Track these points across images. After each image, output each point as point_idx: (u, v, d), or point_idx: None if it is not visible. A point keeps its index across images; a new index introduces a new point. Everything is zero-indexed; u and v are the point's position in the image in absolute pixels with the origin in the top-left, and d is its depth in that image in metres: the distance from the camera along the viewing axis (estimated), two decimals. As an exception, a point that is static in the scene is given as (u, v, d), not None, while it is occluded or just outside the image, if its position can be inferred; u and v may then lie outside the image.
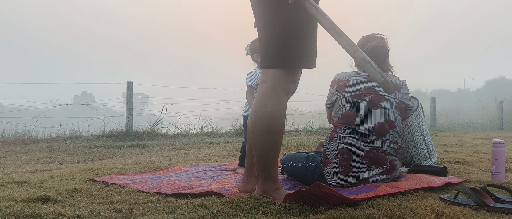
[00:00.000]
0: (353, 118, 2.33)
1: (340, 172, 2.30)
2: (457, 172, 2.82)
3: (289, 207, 1.81)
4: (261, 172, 1.95)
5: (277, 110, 1.90)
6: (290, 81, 1.94)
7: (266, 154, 1.92)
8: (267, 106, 1.90)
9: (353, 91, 2.40)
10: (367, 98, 2.37)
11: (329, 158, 2.36)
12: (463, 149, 4.41)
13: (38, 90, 23.82)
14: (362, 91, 2.40)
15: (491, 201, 1.83)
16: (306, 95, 10.35)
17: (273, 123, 1.90)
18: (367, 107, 2.35)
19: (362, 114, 2.33)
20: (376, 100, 2.37)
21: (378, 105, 2.36)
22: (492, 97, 20.10)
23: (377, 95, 2.39)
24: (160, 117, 8.05)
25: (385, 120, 2.34)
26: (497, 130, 11.93)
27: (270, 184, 1.95)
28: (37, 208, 1.82)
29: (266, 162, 1.93)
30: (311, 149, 4.83)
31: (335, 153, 2.33)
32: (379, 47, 2.51)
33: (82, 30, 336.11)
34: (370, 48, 2.52)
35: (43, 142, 6.39)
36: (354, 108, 2.35)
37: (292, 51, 1.90)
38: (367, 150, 2.28)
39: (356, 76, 2.47)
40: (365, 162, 2.28)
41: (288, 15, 1.88)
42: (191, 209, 1.80)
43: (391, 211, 1.70)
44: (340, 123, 2.38)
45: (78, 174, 2.95)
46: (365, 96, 2.38)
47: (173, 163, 3.76)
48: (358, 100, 2.37)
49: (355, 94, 2.39)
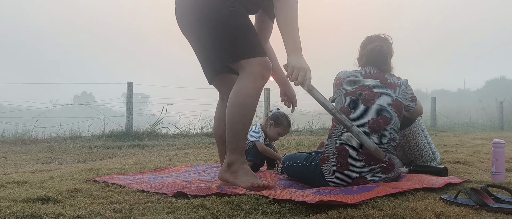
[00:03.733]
0: (347, 114, 2.35)
1: (338, 169, 2.31)
2: (458, 172, 2.82)
3: (289, 207, 1.81)
4: (229, 143, 2.08)
5: (251, 88, 2.05)
6: (263, 66, 2.08)
7: (236, 127, 2.06)
8: (242, 86, 2.07)
9: (348, 88, 2.44)
10: (361, 95, 2.39)
11: (327, 155, 2.38)
12: (463, 149, 4.41)
13: (38, 90, 23.82)
14: (356, 88, 2.42)
15: (491, 201, 1.83)
16: (306, 95, 10.33)
17: (245, 99, 2.05)
18: (361, 104, 2.36)
19: (355, 109, 2.36)
20: (369, 97, 2.38)
21: (372, 102, 2.37)
22: (493, 98, 20.08)
23: (371, 92, 2.40)
24: (160, 117, 8.05)
25: (380, 116, 2.34)
26: (497, 130, 11.93)
27: (236, 155, 2.07)
28: (37, 208, 1.82)
29: (235, 134, 2.07)
30: (312, 149, 4.84)
31: (333, 150, 2.35)
32: (376, 50, 2.51)
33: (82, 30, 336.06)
34: (368, 51, 2.53)
35: (43, 142, 6.40)
36: (348, 105, 2.38)
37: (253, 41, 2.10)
38: (363, 146, 2.28)
39: (353, 74, 2.50)
40: (362, 159, 2.29)
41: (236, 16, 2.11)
42: (191, 209, 1.80)
43: (391, 211, 1.69)
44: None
45: (78, 174, 2.95)
46: (359, 93, 2.40)
47: (173, 163, 3.76)
48: (352, 97, 2.40)
49: (350, 91, 2.42)
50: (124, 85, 7.92)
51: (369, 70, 2.50)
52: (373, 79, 2.45)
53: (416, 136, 2.78)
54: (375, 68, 2.51)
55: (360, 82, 2.44)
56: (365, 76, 2.46)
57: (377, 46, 2.51)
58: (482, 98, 23.76)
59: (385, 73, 2.50)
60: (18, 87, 11.77)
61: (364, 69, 2.52)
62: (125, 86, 7.90)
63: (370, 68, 2.51)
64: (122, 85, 8.01)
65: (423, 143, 2.81)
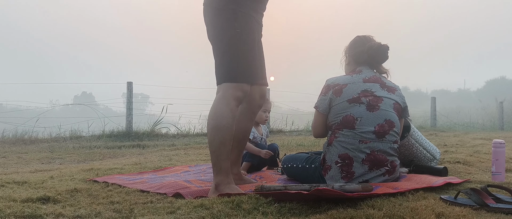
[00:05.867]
0: (353, 122, 2.30)
1: (343, 178, 2.29)
2: (458, 172, 2.82)
3: (289, 207, 1.81)
4: (214, 166, 2.18)
5: (225, 111, 2.16)
6: (238, 90, 2.21)
7: (216, 149, 2.16)
8: (217, 109, 2.18)
9: (350, 95, 2.36)
10: (365, 101, 2.34)
11: (329, 164, 2.34)
12: (463, 149, 4.41)
13: (38, 90, 23.80)
14: (359, 94, 2.36)
15: (491, 201, 1.83)
16: (306, 96, 10.35)
17: (221, 121, 2.15)
18: (366, 111, 2.31)
19: (362, 117, 2.30)
20: (374, 102, 2.34)
21: (377, 107, 2.33)
22: (493, 98, 20.06)
23: (374, 97, 2.36)
24: (160, 117, 8.05)
25: (385, 120, 2.32)
26: (497, 130, 11.93)
27: (222, 177, 2.15)
28: (37, 208, 1.82)
29: (217, 156, 2.16)
30: (312, 149, 4.84)
31: (335, 158, 2.31)
32: (383, 48, 2.47)
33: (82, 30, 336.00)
34: (370, 49, 2.47)
35: (43, 142, 6.40)
36: (354, 113, 2.31)
37: (242, 67, 2.21)
38: (367, 153, 2.27)
39: (352, 79, 2.42)
40: (366, 166, 2.28)
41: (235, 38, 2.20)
42: (191, 209, 1.80)
43: (391, 211, 1.69)
44: (339, 127, 2.34)
45: (78, 174, 2.95)
46: (363, 99, 2.34)
47: (173, 163, 3.76)
48: (356, 104, 2.33)
49: (352, 98, 2.35)
50: (124, 85, 7.92)
51: (367, 74, 2.45)
52: (373, 83, 2.41)
53: (410, 147, 2.77)
54: (371, 70, 2.48)
55: (362, 87, 2.38)
56: (365, 80, 2.41)
57: (379, 44, 2.49)
58: (482, 98, 23.75)
59: (381, 77, 2.48)
60: (18, 87, 11.75)
61: (361, 73, 2.45)
62: (125, 86, 7.89)
63: (367, 70, 2.47)
64: (122, 85, 8.01)
65: (420, 150, 2.81)
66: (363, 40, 2.55)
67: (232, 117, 2.18)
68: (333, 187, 2.00)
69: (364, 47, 2.51)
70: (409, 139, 2.74)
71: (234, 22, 2.20)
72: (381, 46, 2.48)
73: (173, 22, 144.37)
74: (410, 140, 2.75)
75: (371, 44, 2.50)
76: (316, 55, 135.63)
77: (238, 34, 2.21)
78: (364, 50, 2.50)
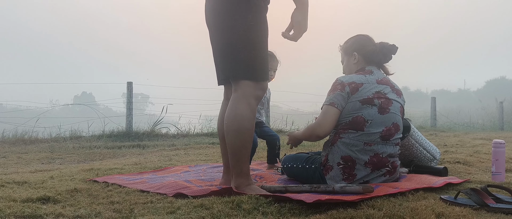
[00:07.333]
0: (363, 124, 2.27)
1: (344, 180, 2.29)
2: (458, 172, 2.82)
3: (289, 207, 1.81)
4: (234, 168, 2.14)
5: (246, 112, 2.10)
6: (258, 88, 2.15)
7: (237, 152, 2.12)
8: (238, 110, 2.10)
9: (365, 95, 2.30)
10: (378, 103, 2.30)
11: (330, 164, 2.33)
12: (463, 149, 4.40)
13: (38, 90, 23.79)
14: (373, 95, 2.31)
15: (491, 202, 1.83)
16: (306, 96, 10.35)
17: (243, 124, 2.09)
18: (378, 113, 2.29)
19: (373, 120, 2.27)
20: (385, 105, 2.31)
21: (387, 110, 2.31)
22: (493, 98, 20.07)
23: (386, 100, 2.33)
24: (160, 117, 8.04)
25: (392, 124, 2.32)
26: (497, 130, 11.92)
27: (242, 179, 2.12)
28: (37, 208, 1.82)
29: (238, 159, 2.12)
30: (312, 149, 4.83)
31: (338, 159, 2.30)
32: (395, 48, 2.46)
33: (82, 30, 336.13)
34: (382, 47, 2.44)
35: (43, 142, 6.39)
36: (365, 114, 2.27)
37: (260, 65, 2.14)
38: (371, 155, 2.27)
39: (366, 79, 2.36)
40: (369, 168, 2.28)
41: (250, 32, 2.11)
42: (191, 209, 1.80)
43: (392, 212, 1.69)
44: (345, 128, 2.30)
45: (78, 174, 2.95)
46: (376, 101, 2.30)
47: (173, 163, 3.76)
48: (369, 105, 2.28)
49: (367, 98, 2.29)
50: (124, 85, 7.91)
51: (378, 75, 2.41)
52: (385, 85, 2.38)
53: (410, 148, 2.77)
54: (379, 70, 2.47)
55: (376, 88, 2.34)
56: (378, 81, 2.37)
57: (391, 44, 2.47)
58: (482, 98, 23.77)
59: (389, 79, 2.47)
60: (18, 87, 11.75)
61: (373, 74, 2.39)
62: (125, 86, 7.89)
63: (377, 71, 2.44)
64: (122, 85, 8.01)
65: (420, 150, 2.80)
66: (370, 39, 2.52)
67: (254, 118, 2.13)
68: (334, 187, 2.01)
69: (376, 46, 2.47)
70: (409, 139, 2.74)
71: (248, 13, 2.10)
72: (393, 46, 2.46)
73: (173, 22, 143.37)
74: (410, 140, 2.75)
75: (383, 43, 2.47)
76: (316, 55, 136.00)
77: (253, 27, 2.11)
78: (377, 49, 2.46)
